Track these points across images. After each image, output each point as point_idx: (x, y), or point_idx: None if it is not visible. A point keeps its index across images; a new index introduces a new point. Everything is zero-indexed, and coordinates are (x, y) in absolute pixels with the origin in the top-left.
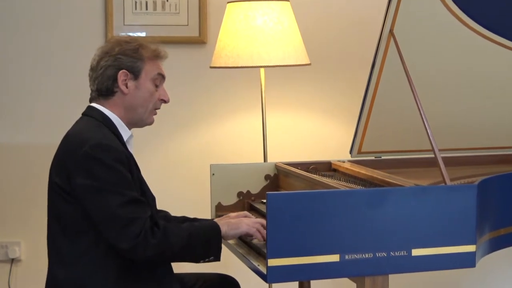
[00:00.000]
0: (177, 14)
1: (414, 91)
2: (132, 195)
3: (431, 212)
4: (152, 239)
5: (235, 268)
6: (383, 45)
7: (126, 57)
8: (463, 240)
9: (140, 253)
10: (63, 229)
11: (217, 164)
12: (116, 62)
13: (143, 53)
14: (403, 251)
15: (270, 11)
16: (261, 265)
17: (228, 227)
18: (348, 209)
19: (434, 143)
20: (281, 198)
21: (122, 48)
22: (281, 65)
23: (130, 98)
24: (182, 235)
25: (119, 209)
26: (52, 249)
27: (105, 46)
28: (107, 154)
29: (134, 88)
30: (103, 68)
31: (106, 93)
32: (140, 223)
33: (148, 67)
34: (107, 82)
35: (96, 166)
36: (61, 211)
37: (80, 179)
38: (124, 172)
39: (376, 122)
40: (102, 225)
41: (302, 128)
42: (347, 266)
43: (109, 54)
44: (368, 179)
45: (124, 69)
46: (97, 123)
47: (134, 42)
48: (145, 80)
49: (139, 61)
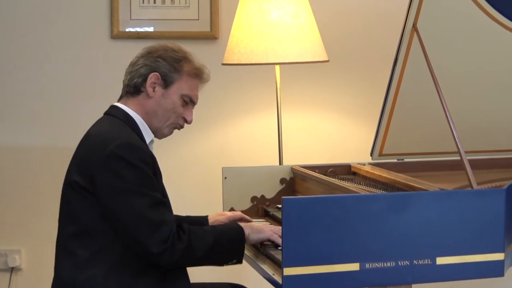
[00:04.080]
0: (187, 7)
1: (438, 89)
2: (158, 196)
3: (456, 218)
4: (178, 244)
5: (247, 277)
6: (406, 40)
7: (165, 63)
8: (490, 248)
9: (167, 258)
10: (77, 230)
11: (229, 167)
12: (153, 63)
13: (184, 66)
14: (427, 259)
15: (286, 5)
16: (276, 274)
17: (251, 230)
18: (369, 215)
19: (460, 144)
20: (298, 203)
21: (166, 53)
22: (298, 62)
23: (153, 102)
24: (207, 239)
25: (147, 211)
26: (61, 251)
27: (151, 47)
28: (133, 153)
29: (160, 95)
30: (140, 65)
31: (133, 90)
32: (168, 226)
33: (183, 83)
34: (137, 79)
35: (121, 166)
36: (78, 210)
37: (105, 178)
38: (149, 173)
39: (398, 123)
40: (130, 227)
41: (320, 128)
42: (367, 275)
43: (151, 55)
44: (390, 183)
45: (157, 73)
46: (121, 123)
47: (181, 52)
48: (174, 93)
49: (176, 72)
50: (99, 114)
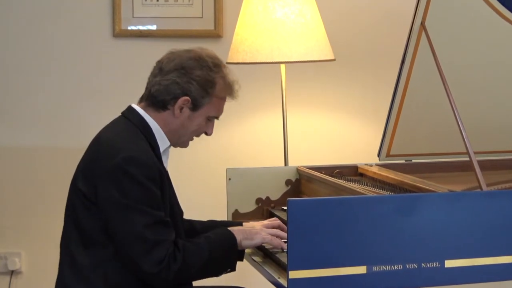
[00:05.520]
0: (190, 5)
1: (447, 88)
2: (160, 215)
3: (466, 220)
4: (174, 264)
5: (252, 280)
6: (413, 38)
7: (198, 87)
8: (501, 251)
9: (162, 279)
10: (81, 236)
11: (234, 168)
12: (186, 84)
13: (217, 90)
14: (436, 262)
15: (291, 2)
16: (281, 278)
17: (243, 236)
18: (376, 217)
19: (469, 145)
20: (303, 205)
21: (201, 73)
22: (303, 61)
23: (177, 123)
24: (202, 254)
25: (145, 229)
26: (65, 255)
27: (184, 56)
28: (139, 169)
29: (186, 117)
30: (171, 81)
31: (157, 104)
32: (165, 246)
33: (211, 106)
34: (166, 97)
35: (125, 181)
36: (81, 218)
37: (107, 191)
38: (154, 190)
39: (406, 123)
40: (125, 243)
41: (326, 129)
42: (374, 279)
43: (185, 71)
44: (397, 184)
45: (189, 97)
46: (134, 129)
47: (217, 70)
48: (201, 116)
49: (208, 97)
50: (101, 113)
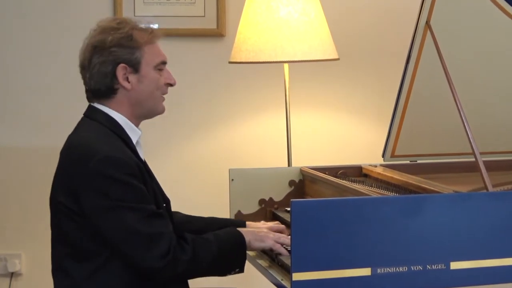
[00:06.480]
0: (192, 4)
1: (452, 88)
2: (151, 208)
3: (471, 221)
4: (182, 255)
5: (255, 282)
6: (418, 38)
7: (121, 49)
8: (507, 252)
9: (170, 272)
10: (70, 250)
11: (236, 169)
12: (111, 56)
13: (139, 39)
14: (441, 264)
15: (294, 1)
16: (284, 280)
17: (252, 237)
18: (381, 218)
19: (474, 145)
20: (307, 206)
21: (113, 38)
22: (307, 60)
23: (134, 93)
24: (212, 249)
25: (138, 225)
26: (58, 270)
27: (92, 38)
28: (117, 168)
29: (136, 82)
30: (98, 65)
31: (107, 93)
32: (165, 239)
33: (147, 56)
34: (106, 80)
35: (107, 184)
36: (68, 231)
37: (91, 199)
38: (137, 185)
39: (411, 123)
40: (124, 246)
41: (330, 129)
42: (379, 281)
43: (100, 48)
44: (402, 185)
45: (122, 63)
46: (103, 129)
47: (123, 26)
48: (148, 70)
49: (136, 50)
50: None
